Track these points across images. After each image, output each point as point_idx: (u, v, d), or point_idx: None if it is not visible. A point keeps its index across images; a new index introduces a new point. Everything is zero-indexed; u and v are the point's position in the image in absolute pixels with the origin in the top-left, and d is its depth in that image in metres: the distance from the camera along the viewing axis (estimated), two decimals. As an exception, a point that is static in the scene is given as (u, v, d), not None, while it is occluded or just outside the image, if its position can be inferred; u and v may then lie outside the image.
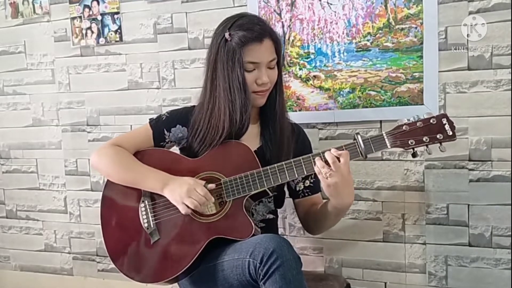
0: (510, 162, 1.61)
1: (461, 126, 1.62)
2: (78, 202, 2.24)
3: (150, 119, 1.55)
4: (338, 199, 1.31)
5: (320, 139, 1.81)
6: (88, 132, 2.18)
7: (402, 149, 1.32)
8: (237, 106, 1.39)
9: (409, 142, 1.30)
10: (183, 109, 1.56)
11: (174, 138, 1.51)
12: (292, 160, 1.36)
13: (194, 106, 1.53)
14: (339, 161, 1.27)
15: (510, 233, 1.63)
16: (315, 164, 1.31)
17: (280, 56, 1.47)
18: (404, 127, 1.30)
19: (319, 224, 1.50)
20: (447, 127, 1.29)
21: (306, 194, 1.56)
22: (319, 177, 1.30)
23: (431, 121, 1.30)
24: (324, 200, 1.44)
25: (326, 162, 1.28)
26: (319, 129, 1.82)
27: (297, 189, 1.56)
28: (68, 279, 2.31)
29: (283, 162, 1.36)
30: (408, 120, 1.31)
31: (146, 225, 1.44)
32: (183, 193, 1.35)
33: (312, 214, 1.52)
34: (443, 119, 1.30)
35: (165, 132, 1.51)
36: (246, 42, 1.37)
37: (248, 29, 1.38)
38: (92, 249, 2.25)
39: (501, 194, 1.63)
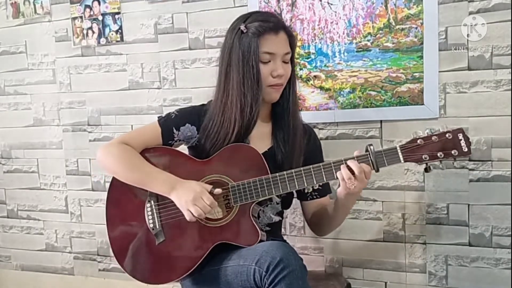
0: (510, 162, 1.61)
1: (461, 126, 1.61)
2: (79, 202, 2.24)
3: (158, 117, 1.53)
4: (349, 201, 1.40)
5: (321, 139, 1.80)
6: (89, 132, 2.18)
7: (415, 164, 1.30)
8: (249, 98, 1.38)
9: (423, 157, 1.28)
10: (192, 108, 1.55)
11: (183, 137, 1.50)
12: (302, 168, 1.35)
13: (203, 105, 1.53)
14: (365, 174, 1.29)
15: (510, 233, 1.63)
16: (335, 173, 1.31)
17: (294, 52, 1.47)
18: (418, 141, 1.28)
19: (327, 225, 1.53)
20: (462, 143, 1.27)
21: (315, 197, 1.55)
22: (342, 183, 1.30)
23: (446, 136, 1.27)
24: (331, 200, 1.46)
25: (351, 171, 1.28)
26: (320, 129, 1.82)
27: (306, 191, 1.56)
28: (69, 278, 2.32)
29: (293, 170, 1.35)
30: (423, 133, 1.29)
31: (151, 225, 1.43)
32: (189, 200, 1.33)
33: (319, 215, 1.52)
34: (459, 135, 1.27)
35: (174, 130, 1.49)
36: (263, 32, 1.37)
37: (264, 20, 1.39)
38: (93, 249, 2.25)
39: (501, 194, 1.63)
